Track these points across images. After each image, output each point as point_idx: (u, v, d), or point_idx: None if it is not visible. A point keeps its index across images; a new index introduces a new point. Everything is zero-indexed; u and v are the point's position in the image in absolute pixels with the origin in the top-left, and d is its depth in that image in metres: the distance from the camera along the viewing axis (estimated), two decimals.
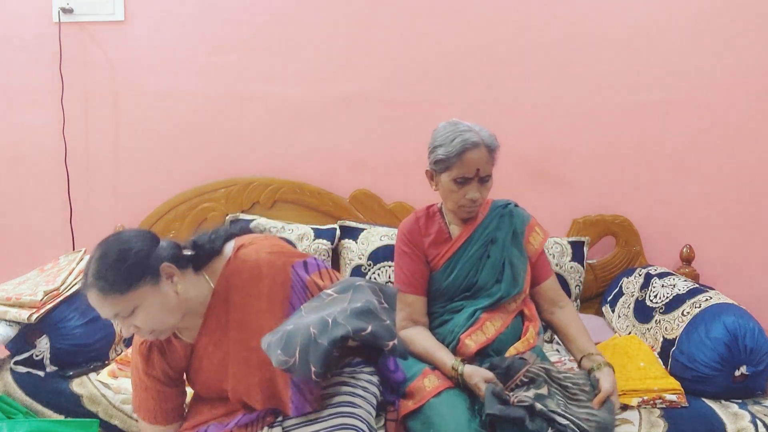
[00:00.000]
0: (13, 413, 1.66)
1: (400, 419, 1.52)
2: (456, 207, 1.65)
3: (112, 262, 1.23)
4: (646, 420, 1.56)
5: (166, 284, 1.27)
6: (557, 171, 2.39)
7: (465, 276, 1.66)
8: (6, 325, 1.73)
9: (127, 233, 1.31)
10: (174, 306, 1.29)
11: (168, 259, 1.28)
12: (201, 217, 2.48)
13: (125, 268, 1.22)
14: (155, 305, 1.25)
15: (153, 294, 1.25)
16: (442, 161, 1.61)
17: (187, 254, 1.34)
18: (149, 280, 1.24)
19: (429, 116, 2.41)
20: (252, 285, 1.33)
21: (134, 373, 1.42)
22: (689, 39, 2.29)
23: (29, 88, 2.59)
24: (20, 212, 2.65)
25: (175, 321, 1.31)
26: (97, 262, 1.24)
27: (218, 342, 1.36)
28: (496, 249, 1.67)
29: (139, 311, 1.24)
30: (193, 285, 1.33)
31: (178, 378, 1.43)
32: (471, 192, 1.61)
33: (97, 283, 1.22)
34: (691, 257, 2.25)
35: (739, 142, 2.31)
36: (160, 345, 1.39)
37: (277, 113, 2.48)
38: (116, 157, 2.59)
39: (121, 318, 1.25)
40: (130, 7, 2.50)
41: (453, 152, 1.58)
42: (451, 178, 1.61)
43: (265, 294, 1.33)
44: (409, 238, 1.70)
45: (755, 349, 1.60)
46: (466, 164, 1.58)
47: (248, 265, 1.34)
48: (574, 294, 2.23)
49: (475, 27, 2.37)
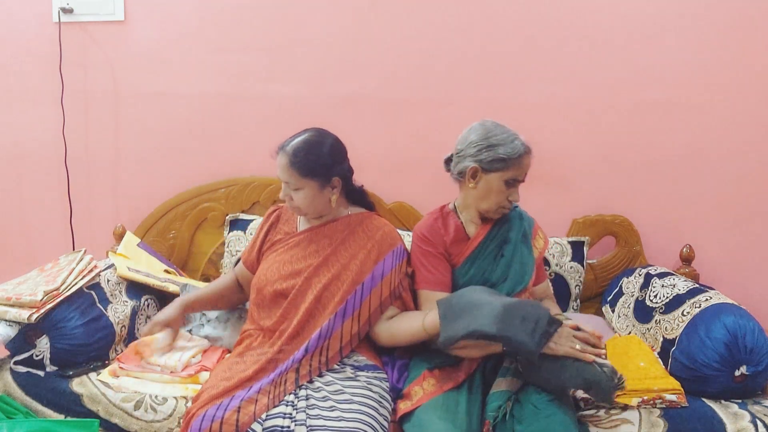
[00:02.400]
0: (13, 413, 1.66)
1: (396, 420, 1.53)
2: (495, 207, 1.70)
3: (316, 151, 1.66)
4: (646, 420, 1.56)
5: (328, 190, 1.69)
6: (557, 171, 2.39)
7: (482, 273, 1.70)
8: (6, 325, 1.73)
9: (331, 137, 1.73)
10: (321, 206, 1.71)
11: (341, 176, 1.71)
12: (201, 217, 2.48)
13: (314, 161, 1.65)
14: (312, 197, 1.67)
15: (316, 190, 1.67)
16: (502, 161, 1.64)
17: (354, 186, 1.80)
18: (320, 180, 1.66)
19: (429, 116, 2.42)
20: (365, 234, 1.73)
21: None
22: (689, 39, 2.29)
23: (29, 88, 2.59)
24: (20, 212, 2.65)
25: (315, 214, 1.73)
26: (305, 142, 1.67)
27: (314, 251, 1.72)
28: (509, 248, 1.72)
29: (301, 192, 1.66)
30: (339, 205, 1.77)
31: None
32: (514, 194, 1.68)
33: (292, 155, 1.64)
34: (691, 257, 2.25)
35: (739, 142, 2.31)
36: (280, 218, 1.85)
37: (277, 113, 2.48)
38: (116, 157, 2.59)
39: (287, 186, 1.68)
40: (130, 7, 2.50)
41: (515, 154, 1.63)
42: (504, 178, 1.66)
43: (375, 241, 1.71)
44: (431, 239, 1.73)
45: (755, 349, 1.60)
46: (523, 167, 1.66)
47: (375, 223, 1.76)
48: (574, 294, 2.23)
49: (475, 27, 2.37)
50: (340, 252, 1.71)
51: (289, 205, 1.72)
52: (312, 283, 1.67)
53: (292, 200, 1.69)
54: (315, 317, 1.65)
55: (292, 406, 1.46)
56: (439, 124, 2.41)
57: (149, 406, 1.64)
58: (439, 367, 1.60)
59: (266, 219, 1.87)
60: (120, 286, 2.00)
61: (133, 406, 1.64)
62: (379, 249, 1.71)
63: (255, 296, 1.75)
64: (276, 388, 1.50)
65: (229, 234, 2.39)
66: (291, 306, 1.66)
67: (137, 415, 1.63)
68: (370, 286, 1.65)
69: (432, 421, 1.44)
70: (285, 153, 1.66)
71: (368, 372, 1.60)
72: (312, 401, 1.47)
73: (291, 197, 1.69)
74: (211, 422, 1.41)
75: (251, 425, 1.41)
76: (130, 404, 1.65)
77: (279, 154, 1.68)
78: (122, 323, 1.90)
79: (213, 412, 1.43)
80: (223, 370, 1.59)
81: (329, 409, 1.45)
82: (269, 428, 1.40)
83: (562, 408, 1.47)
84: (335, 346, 1.60)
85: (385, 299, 1.66)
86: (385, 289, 1.66)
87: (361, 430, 1.40)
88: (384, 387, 1.58)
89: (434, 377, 1.56)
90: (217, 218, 2.46)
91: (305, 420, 1.41)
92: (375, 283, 1.66)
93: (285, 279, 1.69)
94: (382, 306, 1.66)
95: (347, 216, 1.78)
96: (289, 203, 1.71)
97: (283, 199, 1.72)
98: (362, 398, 1.49)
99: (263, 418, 1.42)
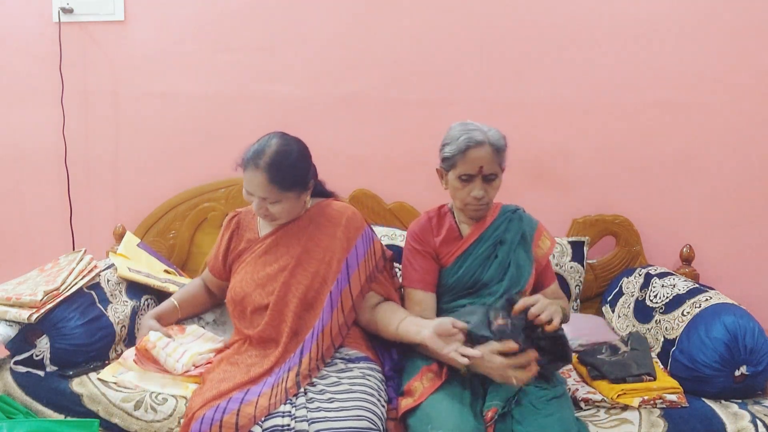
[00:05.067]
0: (13, 413, 1.66)
1: (399, 418, 1.52)
2: (462, 205, 1.70)
3: (292, 162, 1.59)
4: (646, 420, 1.56)
5: (304, 195, 1.67)
6: (557, 171, 2.39)
7: (472, 274, 1.70)
8: (6, 325, 1.73)
9: (298, 142, 1.66)
10: (297, 211, 1.69)
11: (314, 178, 1.69)
12: (201, 217, 2.48)
13: (296, 173, 1.60)
14: (292, 205, 1.63)
15: (296, 198, 1.64)
16: (447, 159, 1.67)
17: (318, 180, 1.75)
18: (301, 189, 1.64)
19: (429, 116, 2.42)
20: (330, 222, 1.69)
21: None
22: (689, 39, 2.29)
23: (29, 88, 2.59)
24: (20, 212, 2.65)
25: (291, 219, 1.69)
26: (278, 154, 1.58)
27: (284, 252, 1.69)
28: (504, 250, 1.71)
29: (280, 204, 1.60)
30: (306, 202, 1.72)
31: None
32: (475, 190, 1.65)
33: (270, 170, 1.56)
34: (691, 257, 2.25)
35: (739, 142, 2.31)
36: (240, 224, 1.79)
37: (277, 113, 2.48)
38: (116, 157, 2.59)
39: (263, 201, 1.60)
40: (130, 7, 2.50)
41: (457, 150, 1.64)
42: (456, 175, 1.66)
43: (342, 228, 1.68)
44: (421, 237, 1.75)
45: (755, 349, 1.60)
46: (469, 161, 1.63)
47: (336, 208, 1.73)
48: (573, 294, 2.23)
49: (475, 27, 2.37)
50: (311, 249, 1.69)
51: (263, 216, 1.67)
52: (291, 286, 1.66)
53: (268, 212, 1.63)
54: (305, 319, 1.65)
55: (291, 403, 1.46)
56: (439, 124, 2.38)
57: (149, 406, 1.64)
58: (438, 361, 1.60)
59: (226, 227, 1.82)
60: (120, 286, 2.00)
61: (133, 406, 1.64)
62: (348, 235, 1.69)
63: (233, 309, 1.74)
64: (276, 388, 1.49)
65: None
66: (275, 314, 1.65)
67: (137, 415, 1.63)
68: (347, 275, 1.65)
69: (440, 411, 1.43)
70: (259, 170, 1.57)
71: (361, 363, 1.60)
72: (310, 395, 1.48)
73: (267, 210, 1.63)
74: (210, 425, 1.40)
75: (251, 427, 1.40)
76: (130, 404, 1.65)
77: (249, 170, 1.59)
78: (122, 323, 1.90)
79: (211, 414, 1.42)
80: (217, 373, 1.59)
81: (328, 401, 1.45)
82: (269, 428, 1.40)
83: (562, 407, 1.47)
84: (327, 340, 1.60)
85: (363, 284, 1.67)
86: (362, 274, 1.67)
87: (365, 417, 1.40)
88: (378, 378, 1.59)
89: (432, 371, 1.56)
90: (217, 218, 2.46)
91: (306, 415, 1.41)
92: (352, 271, 1.66)
93: (262, 287, 1.68)
94: (362, 291, 1.67)
95: (307, 210, 1.74)
96: (264, 215, 1.65)
97: (258, 213, 1.65)
98: (361, 387, 1.50)
99: (262, 420, 1.42)
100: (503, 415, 1.46)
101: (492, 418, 1.43)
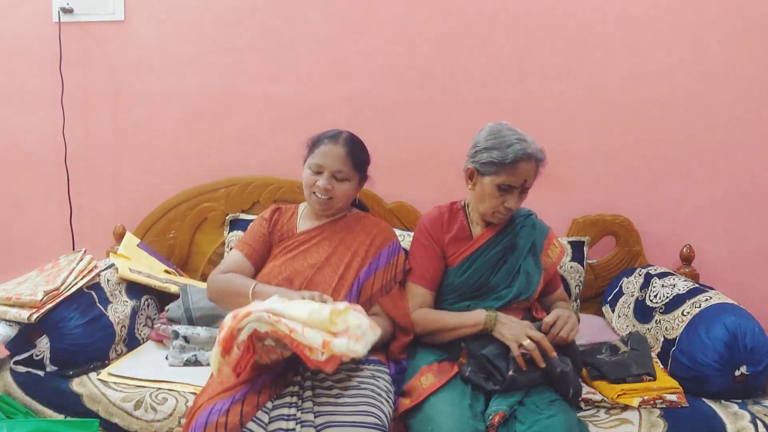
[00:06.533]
0: (13, 413, 1.66)
1: (398, 417, 1.53)
2: (490, 211, 1.67)
3: (363, 146, 1.77)
4: (646, 420, 1.56)
5: (359, 187, 1.79)
6: (557, 171, 2.37)
7: (479, 276, 1.69)
8: (6, 325, 1.73)
9: None
10: (349, 201, 1.80)
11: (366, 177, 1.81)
12: (201, 217, 2.48)
13: (366, 158, 1.77)
14: (353, 190, 1.76)
15: (356, 185, 1.76)
16: (492, 164, 1.61)
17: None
18: (361, 175, 1.77)
19: (429, 116, 2.42)
20: (364, 231, 1.78)
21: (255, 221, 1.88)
22: (689, 39, 2.29)
23: (29, 88, 2.59)
24: (20, 212, 2.65)
25: (340, 210, 1.79)
26: (354, 136, 1.75)
27: (314, 249, 1.74)
28: (514, 256, 1.70)
29: (347, 183, 1.71)
30: (353, 202, 1.86)
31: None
32: (510, 201, 1.63)
33: (349, 144, 1.71)
34: (691, 257, 2.25)
35: (739, 142, 2.31)
36: (281, 216, 1.85)
37: (277, 113, 2.48)
38: (116, 157, 2.59)
39: (334, 175, 1.70)
40: (130, 7, 2.50)
41: (507, 159, 1.59)
42: (495, 183, 1.62)
43: (372, 237, 1.76)
44: (430, 231, 1.73)
45: (755, 349, 1.60)
46: (517, 174, 1.60)
47: (372, 221, 1.84)
48: (574, 294, 2.23)
49: (475, 27, 2.37)
50: (342, 251, 1.73)
51: (323, 196, 1.71)
52: (317, 285, 1.67)
53: (332, 190, 1.70)
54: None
55: (298, 396, 1.44)
56: (439, 124, 2.41)
57: (149, 406, 1.64)
58: (438, 361, 1.62)
59: (271, 214, 1.85)
60: (120, 286, 2.00)
61: (133, 406, 1.64)
62: (377, 243, 1.75)
63: None
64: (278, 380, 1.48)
65: (229, 234, 2.39)
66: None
67: (137, 415, 1.63)
68: (364, 280, 1.69)
69: (440, 411, 1.44)
70: (339, 144, 1.70)
71: (371, 365, 1.60)
72: (318, 391, 1.47)
73: (332, 188, 1.70)
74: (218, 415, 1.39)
75: (256, 414, 1.39)
76: (130, 404, 1.65)
77: (327, 144, 1.71)
78: (122, 323, 1.90)
79: (220, 405, 1.42)
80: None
81: (335, 396, 1.45)
82: (275, 417, 1.39)
83: (564, 408, 1.47)
84: None
85: (375, 292, 1.69)
86: (377, 282, 1.69)
87: (372, 414, 1.40)
88: (388, 380, 1.58)
89: (432, 372, 1.57)
90: (217, 218, 2.46)
91: (312, 408, 1.41)
92: (368, 277, 1.70)
93: (289, 282, 1.69)
94: (372, 298, 1.69)
95: (346, 216, 1.82)
96: (325, 195, 1.70)
97: (323, 187, 1.69)
98: (370, 386, 1.50)
99: (269, 408, 1.41)
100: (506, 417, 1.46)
101: (498, 423, 1.43)
